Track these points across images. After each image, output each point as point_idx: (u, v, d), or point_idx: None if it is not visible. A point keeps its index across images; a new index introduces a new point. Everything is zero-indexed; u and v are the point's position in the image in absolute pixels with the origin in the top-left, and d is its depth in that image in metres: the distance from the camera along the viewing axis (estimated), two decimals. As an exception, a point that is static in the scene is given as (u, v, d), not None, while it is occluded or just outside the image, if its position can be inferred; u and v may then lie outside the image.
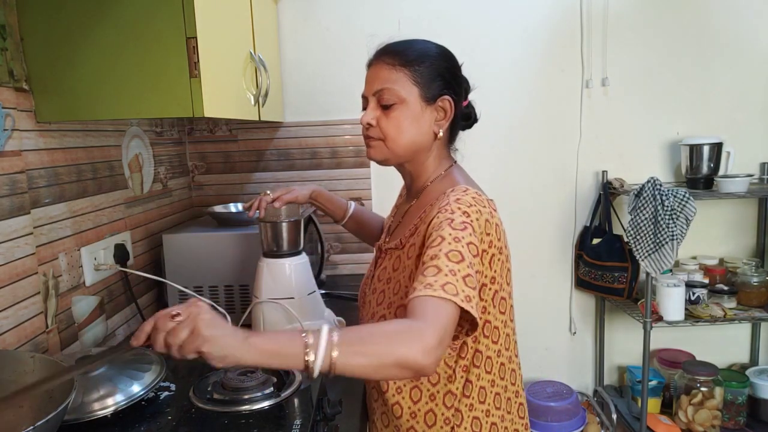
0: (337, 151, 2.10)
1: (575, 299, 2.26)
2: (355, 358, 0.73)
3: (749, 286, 2.01)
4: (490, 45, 2.08)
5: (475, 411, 0.98)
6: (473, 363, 0.97)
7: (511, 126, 2.13)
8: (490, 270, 0.94)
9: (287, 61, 2.08)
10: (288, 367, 0.94)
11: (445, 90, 1.01)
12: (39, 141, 1.19)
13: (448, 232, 0.86)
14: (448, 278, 0.80)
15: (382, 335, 0.76)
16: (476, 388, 0.98)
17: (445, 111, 1.01)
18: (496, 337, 0.99)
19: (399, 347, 0.73)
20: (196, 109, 1.12)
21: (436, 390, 0.98)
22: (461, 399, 0.97)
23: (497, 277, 0.96)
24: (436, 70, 1.00)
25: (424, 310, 0.78)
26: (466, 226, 0.88)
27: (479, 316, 0.83)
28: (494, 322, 0.99)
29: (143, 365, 1.03)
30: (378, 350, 0.74)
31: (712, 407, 1.96)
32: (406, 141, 1.00)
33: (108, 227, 1.46)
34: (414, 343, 0.73)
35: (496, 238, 0.94)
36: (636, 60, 2.11)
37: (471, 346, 0.97)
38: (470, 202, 0.92)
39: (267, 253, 1.34)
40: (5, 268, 1.06)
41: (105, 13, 1.11)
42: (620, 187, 2.07)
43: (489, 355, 0.99)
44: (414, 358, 0.72)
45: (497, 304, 0.98)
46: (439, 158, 1.06)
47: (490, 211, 0.95)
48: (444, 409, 0.97)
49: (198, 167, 2.12)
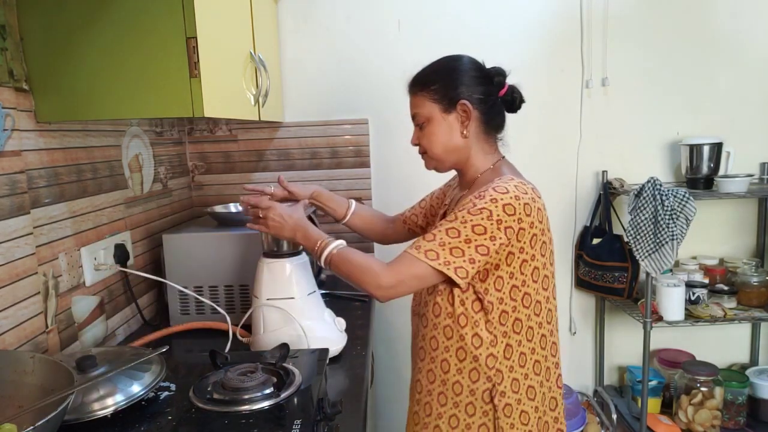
0: (337, 151, 2.10)
1: (575, 299, 2.26)
2: (339, 267, 1.12)
3: (749, 286, 2.01)
4: (491, 45, 2.08)
5: (515, 373, 1.12)
6: (513, 329, 1.11)
7: (511, 126, 2.12)
8: (530, 248, 1.09)
9: (287, 61, 2.08)
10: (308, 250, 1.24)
11: (464, 96, 1.15)
12: (39, 141, 1.19)
13: (462, 214, 1.05)
14: (434, 246, 1.05)
15: (359, 265, 1.10)
16: (516, 353, 1.12)
17: (466, 113, 1.15)
18: (538, 310, 1.13)
19: (363, 277, 1.08)
20: (196, 109, 1.12)
21: (479, 352, 1.11)
22: (502, 361, 1.11)
23: (537, 255, 1.10)
24: (448, 83, 1.16)
25: (398, 260, 1.08)
26: (483, 210, 1.04)
27: (458, 276, 1.04)
28: (534, 295, 1.12)
29: (143, 365, 1.03)
30: (352, 271, 1.10)
31: (712, 407, 1.96)
32: (440, 148, 1.18)
33: (108, 227, 1.46)
34: (370, 278, 1.07)
35: (537, 220, 1.08)
36: (636, 60, 2.11)
37: (511, 315, 1.11)
38: (508, 189, 1.06)
39: (267, 253, 1.34)
40: (5, 268, 1.06)
41: (105, 13, 1.11)
42: (620, 187, 2.07)
43: (530, 326, 1.13)
44: (368, 289, 1.08)
45: (539, 279, 1.12)
46: (483, 153, 1.20)
47: (532, 196, 1.09)
48: (486, 368, 1.11)
49: (198, 167, 2.12)
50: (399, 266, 1.07)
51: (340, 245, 1.15)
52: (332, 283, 1.89)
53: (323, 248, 1.15)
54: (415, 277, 1.06)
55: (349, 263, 1.11)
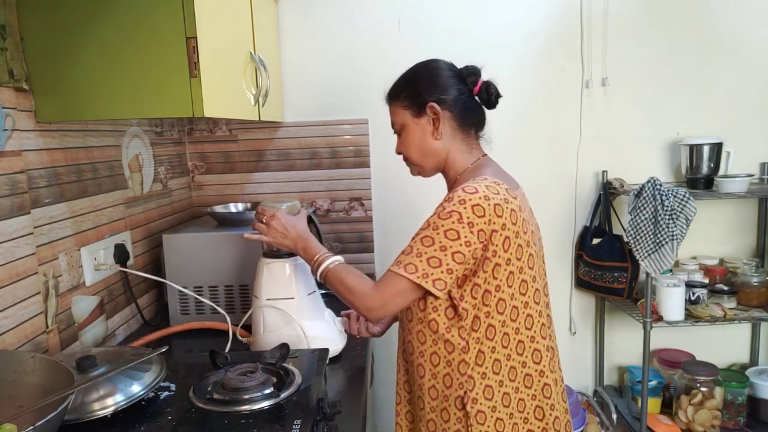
0: (337, 151, 2.10)
1: (575, 299, 2.26)
2: (332, 284, 1.14)
3: (749, 286, 2.01)
4: (490, 45, 2.08)
5: (488, 380, 1.09)
6: (486, 336, 1.09)
7: (511, 126, 2.13)
8: (503, 251, 1.06)
9: (287, 61, 2.08)
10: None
11: (430, 98, 1.15)
12: (39, 141, 1.19)
13: (433, 219, 1.05)
14: (412, 259, 1.04)
15: (349, 286, 1.10)
16: (490, 359, 1.09)
17: (435, 114, 1.15)
18: (514, 315, 1.10)
19: (352, 298, 1.10)
20: (196, 109, 1.12)
21: (452, 357, 1.10)
22: (474, 367, 1.09)
23: (513, 259, 1.07)
24: (415, 89, 1.17)
25: (383, 279, 1.08)
26: (452, 214, 1.03)
27: (436, 289, 1.03)
28: (510, 301, 1.08)
29: (143, 365, 1.03)
30: (342, 292, 1.12)
31: (712, 407, 1.96)
32: (416, 152, 1.20)
33: (108, 227, 1.46)
34: (359, 302, 1.09)
35: (510, 221, 1.05)
36: (636, 60, 2.11)
37: (484, 320, 1.08)
38: (477, 189, 1.04)
39: (267, 253, 1.34)
40: (5, 268, 1.06)
41: (105, 13, 1.11)
42: (620, 187, 2.07)
43: (506, 332, 1.09)
44: (358, 311, 1.11)
45: (514, 284, 1.08)
46: (461, 152, 1.19)
47: (505, 197, 1.06)
48: (458, 374, 1.10)
49: (198, 167, 2.12)
50: (383, 286, 1.07)
51: (336, 262, 1.16)
52: (332, 283, 1.89)
53: (320, 263, 1.16)
54: (399, 293, 1.05)
55: (341, 283, 1.12)
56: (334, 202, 2.13)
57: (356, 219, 2.14)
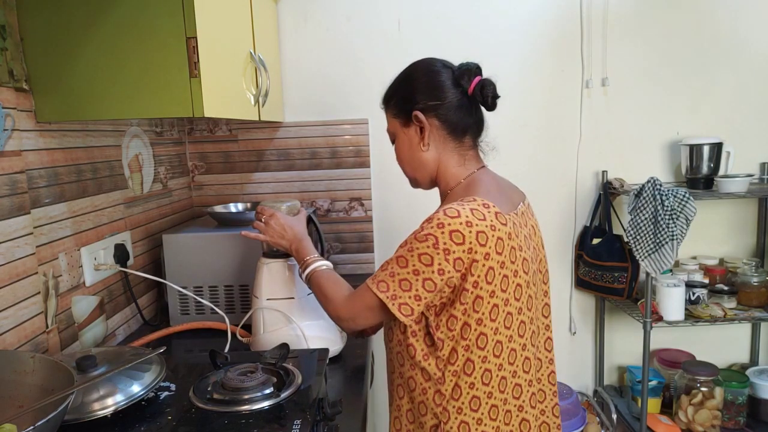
0: (337, 151, 2.10)
1: (575, 299, 2.26)
2: (313, 289, 1.14)
3: (749, 286, 2.01)
4: (490, 45, 2.08)
5: (464, 416, 1.01)
6: (464, 371, 1.00)
7: (511, 126, 2.13)
8: (486, 283, 0.96)
9: (287, 61, 2.08)
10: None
11: (415, 106, 1.07)
12: (39, 141, 1.19)
13: (410, 239, 0.98)
14: (386, 277, 0.99)
15: (324, 294, 1.10)
16: (467, 395, 1.01)
17: (420, 123, 1.08)
18: (498, 351, 1.01)
19: (326, 306, 1.10)
20: (196, 109, 1.12)
21: (427, 386, 1.03)
22: (449, 401, 1.01)
23: (497, 291, 0.98)
24: (402, 96, 1.11)
25: (357, 291, 1.05)
26: (428, 238, 0.95)
27: (401, 313, 0.97)
28: (493, 335, 1.00)
29: (143, 365, 1.03)
30: (319, 297, 1.12)
31: (712, 407, 1.96)
32: (407, 165, 1.15)
33: (108, 227, 1.46)
34: (332, 309, 1.09)
35: (495, 251, 0.96)
36: (636, 60, 2.11)
37: (462, 354, 0.99)
38: (459, 213, 0.95)
39: (267, 253, 1.34)
40: (5, 268, 1.06)
41: (105, 13, 1.11)
42: (620, 187, 2.07)
43: (488, 368, 1.00)
44: (331, 317, 1.10)
45: (499, 318, 0.99)
46: (453, 164, 1.10)
47: (491, 223, 0.96)
48: (433, 404, 1.03)
49: (198, 167, 2.12)
50: (355, 298, 1.04)
51: (323, 266, 1.15)
52: (332, 283, 1.89)
53: (307, 265, 1.17)
54: (369, 308, 1.01)
55: (319, 288, 1.11)
56: (334, 202, 2.13)
57: (356, 219, 2.14)
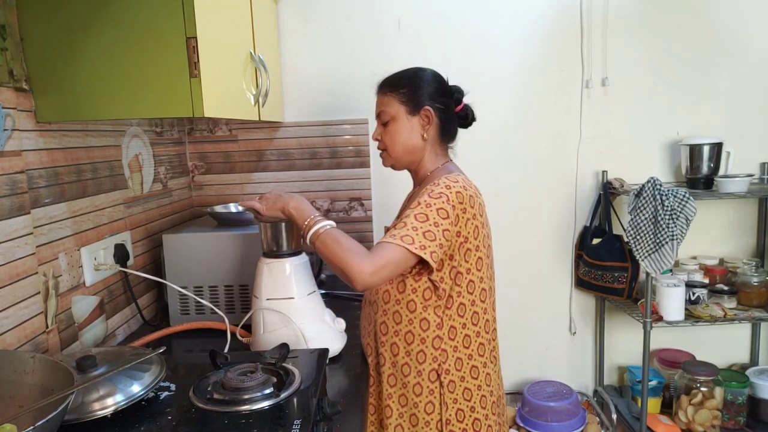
0: (337, 151, 2.10)
1: (575, 299, 2.26)
2: (326, 246, 1.12)
3: (749, 286, 2.01)
4: (490, 45, 2.08)
5: (458, 353, 1.22)
6: (458, 313, 1.22)
7: (511, 126, 2.13)
8: (474, 238, 1.19)
9: (287, 61, 2.08)
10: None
11: (427, 103, 1.26)
12: (39, 141, 1.19)
13: (424, 199, 1.15)
14: (409, 232, 1.11)
15: (347, 248, 1.10)
16: (461, 335, 1.22)
17: (428, 118, 1.27)
18: (484, 296, 1.24)
19: (349, 259, 1.08)
20: (196, 109, 1.12)
21: (426, 335, 1.21)
22: (446, 341, 1.22)
23: (481, 246, 1.21)
24: (417, 90, 1.26)
25: (378, 248, 1.11)
26: (441, 195, 1.14)
27: (432, 260, 1.11)
28: (479, 283, 1.22)
29: (143, 365, 1.03)
30: (338, 253, 1.10)
31: (712, 407, 1.96)
32: (400, 147, 1.28)
33: (108, 227, 1.46)
34: (355, 265, 1.07)
35: (479, 213, 1.20)
36: (636, 60, 2.11)
37: (456, 299, 1.21)
38: (457, 180, 1.19)
39: (267, 253, 1.34)
40: (5, 268, 1.06)
41: (105, 13, 1.11)
42: (620, 187, 2.07)
43: (475, 311, 1.23)
44: (351, 274, 1.07)
45: (482, 269, 1.22)
46: (435, 155, 1.31)
47: (475, 191, 1.21)
48: (432, 349, 1.21)
49: (198, 167, 2.12)
50: (379, 253, 1.10)
51: (325, 227, 1.15)
52: (332, 283, 1.89)
53: (312, 225, 1.16)
54: (394, 262, 1.10)
55: (339, 244, 1.11)
56: (334, 202, 2.13)
57: (356, 219, 2.14)
